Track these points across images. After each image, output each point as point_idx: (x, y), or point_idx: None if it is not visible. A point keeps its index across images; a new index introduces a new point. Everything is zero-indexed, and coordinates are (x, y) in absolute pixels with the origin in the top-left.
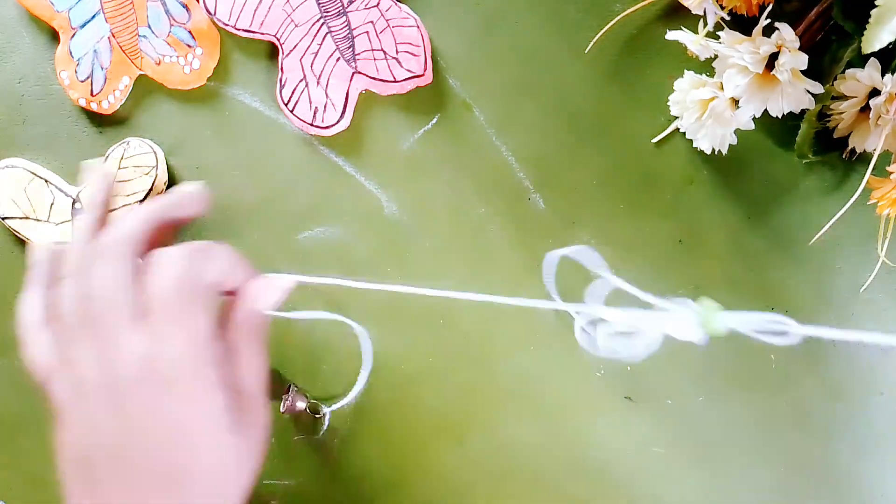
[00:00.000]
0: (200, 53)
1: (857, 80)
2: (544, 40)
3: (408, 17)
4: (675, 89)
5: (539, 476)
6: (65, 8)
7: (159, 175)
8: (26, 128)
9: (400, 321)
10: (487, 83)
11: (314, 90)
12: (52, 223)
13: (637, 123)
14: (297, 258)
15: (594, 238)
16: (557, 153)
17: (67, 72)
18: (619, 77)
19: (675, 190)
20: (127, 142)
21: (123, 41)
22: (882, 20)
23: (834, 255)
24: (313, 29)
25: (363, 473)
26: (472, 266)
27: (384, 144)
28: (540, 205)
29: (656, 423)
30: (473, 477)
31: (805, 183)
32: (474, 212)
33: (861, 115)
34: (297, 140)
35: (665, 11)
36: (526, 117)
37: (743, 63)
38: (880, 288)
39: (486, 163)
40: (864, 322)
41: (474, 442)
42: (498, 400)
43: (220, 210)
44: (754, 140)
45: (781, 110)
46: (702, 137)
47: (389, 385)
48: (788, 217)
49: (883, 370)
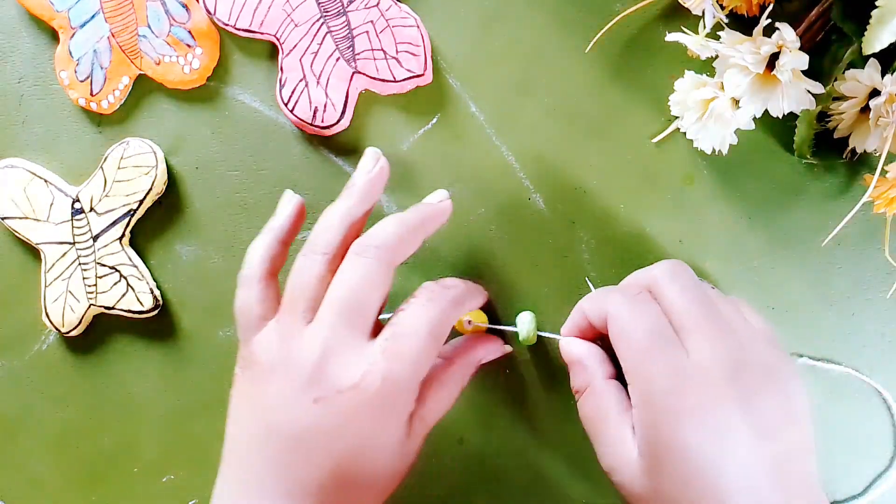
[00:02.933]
0: (200, 53)
1: (857, 80)
2: (544, 40)
3: (408, 17)
4: (676, 89)
5: (539, 476)
6: (64, 8)
7: (159, 175)
8: (26, 128)
9: None
10: (487, 83)
11: (314, 90)
12: (52, 223)
13: (637, 123)
14: None
15: (594, 238)
16: (557, 153)
17: (67, 72)
18: (620, 77)
19: (675, 190)
20: (126, 142)
21: (123, 41)
22: (883, 21)
23: (834, 254)
24: (313, 29)
25: None
26: (472, 266)
27: (384, 144)
28: (540, 205)
29: None
30: (473, 477)
31: (805, 183)
32: (474, 212)
33: (861, 115)
34: (297, 140)
35: (665, 11)
36: (526, 117)
37: (744, 63)
38: (881, 288)
39: (486, 163)
40: (865, 322)
41: (474, 442)
42: (498, 400)
43: (220, 210)
44: (755, 140)
45: (782, 110)
46: (702, 137)
47: None
48: (789, 217)
49: None
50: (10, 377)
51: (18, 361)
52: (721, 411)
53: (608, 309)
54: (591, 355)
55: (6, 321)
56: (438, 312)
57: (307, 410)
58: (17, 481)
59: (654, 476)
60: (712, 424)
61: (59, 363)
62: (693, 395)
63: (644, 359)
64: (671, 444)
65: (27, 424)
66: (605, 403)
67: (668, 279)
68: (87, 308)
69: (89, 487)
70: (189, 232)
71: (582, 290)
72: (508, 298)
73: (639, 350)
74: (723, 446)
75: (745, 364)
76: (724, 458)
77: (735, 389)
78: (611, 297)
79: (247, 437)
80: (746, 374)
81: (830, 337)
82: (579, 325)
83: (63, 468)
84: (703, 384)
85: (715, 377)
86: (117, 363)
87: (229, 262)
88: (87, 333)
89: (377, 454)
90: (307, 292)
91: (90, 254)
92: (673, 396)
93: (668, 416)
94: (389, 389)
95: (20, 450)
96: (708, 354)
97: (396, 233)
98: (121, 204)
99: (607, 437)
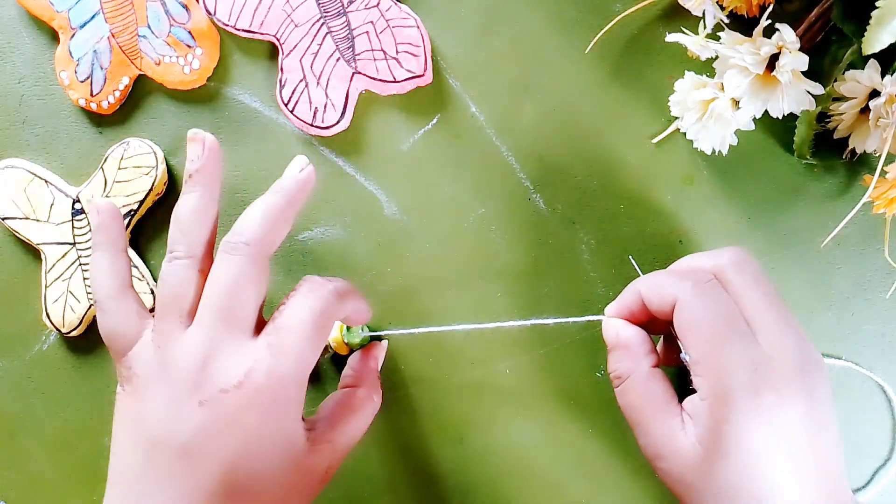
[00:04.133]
0: (200, 53)
1: (857, 81)
2: (544, 40)
3: (408, 17)
4: (676, 90)
5: (539, 476)
6: (64, 8)
7: (159, 175)
8: (26, 128)
9: (400, 321)
10: (487, 83)
11: (314, 90)
12: (53, 223)
13: (637, 124)
14: (297, 258)
15: (594, 238)
16: (557, 153)
17: (67, 72)
18: (620, 77)
19: (675, 190)
20: (126, 142)
21: (123, 41)
22: (882, 21)
23: (835, 254)
24: (313, 29)
25: (363, 473)
26: (472, 267)
27: (384, 144)
28: (540, 205)
29: None
30: (473, 477)
31: (805, 183)
32: (474, 212)
33: (861, 116)
34: (297, 140)
35: (665, 12)
36: (526, 117)
37: (743, 64)
38: (881, 288)
39: (486, 163)
40: (865, 322)
41: (474, 442)
42: (498, 400)
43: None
44: (755, 140)
45: (782, 111)
46: (702, 138)
47: (389, 385)
48: (789, 217)
49: None
50: (10, 377)
51: (19, 362)
52: (791, 407)
53: (677, 295)
54: (641, 341)
55: (6, 321)
56: (321, 304)
57: (192, 415)
58: (17, 481)
59: (712, 466)
60: (781, 419)
61: (59, 363)
62: (771, 390)
63: (719, 351)
64: (740, 438)
65: (27, 424)
66: (653, 391)
67: (738, 268)
68: (87, 308)
69: (89, 487)
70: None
71: (582, 290)
72: (509, 298)
73: (713, 341)
74: (790, 442)
75: (808, 359)
76: (789, 453)
77: (803, 385)
78: (681, 284)
79: (131, 455)
80: (810, 368)
81: (830, 337)
82: (630, 307)
83: (63, 468)
84: (780, 379)
85: (789, 373)
86: None
87: None
88: (88, 334)
89: (268, 455)
90: (178, 298)
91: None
92: (751, 390)
93: (743, 410)
94: (276, 384)
95: (20, 450)
96: (782, 348)
97: (263, 222)
98: (121, 205)
99: (655, 425)
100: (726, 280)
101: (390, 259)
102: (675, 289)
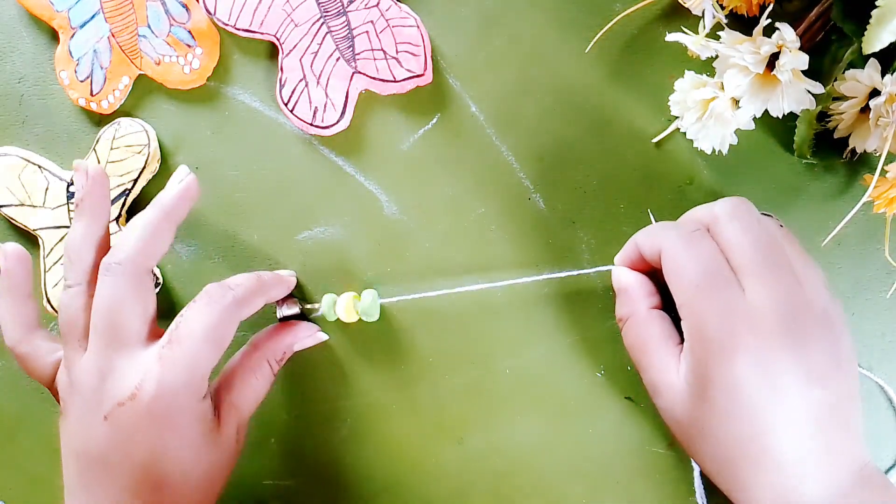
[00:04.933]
0: (200, 53)
1: (857, 80)
2: (544, 40)
3: (408, 17)
4: (676, 89)
5: (539, 476)
6: (64, 8)
7: (151, 153)
8: (26, 127)
9: (400, 320)
10: (487, 83)
11: (314, 90)
12: (48, 208)
13: (637, 123)
14: (297, 258)
15: (594, 238)
16: (557, 153)
17: (67, 72)
18: (620, 77)
19: (675, 190)
20: (118, 122)
21: (123, 41)
22: (883, 21)
23: (835, 254)
24: (313, 29)
25: (363, 473)
26: (471, 266)
27: (384, 144)
28: (540, 205)
29: (656, 423)
30: (473, 477)
31: (805, 183)
32: (474, 212)
33: (861, 115)
34: (297, 140)
35: (665, 11)
36: (526, 117)
37: (744, 63)
38: (881, 288)
39: (486, 163)
40: (865, 322)
41: (474, 442)
42: (498, 400)
43: (219, 210)
44: (755, 140)
45: (782, 110)
46: (702, 137)
47: (389, 385)
48: (789, 217)
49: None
50: (11, 377)
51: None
52: (773, 354)
53: (662, 244)
54: (639, 285)
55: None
56: (216, 316)
57: (100, 429)
58: (17, 481)
59: (698, 406)
60: (763, 366)
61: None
62: (747, 335)
63: (698, 296)
64: (719, 379)
65: (27, 424)
66: (648, 331)
67: (728, 217)
68: None
69: None
70: (189, 232)
71: (581, 289)
72: (509, 298)
73: (692, 287)
74: (772, 388)
75: (801, 309)
76: (772, 399)
77: (790, 334)
78: (666, 233)
79: (67, 467)
80: (802, 318)
81: None
82: (631, 258)
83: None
84: (758, 326)
85: (771, 321)
86: None
87: (229, 261)
88: None
89: (180, 454)
90: (72, 325)
91: None
92: (726, 335)
93: (719, 352)
94: (167, 393)
95: (20, 450)
96: (765, 297)
97: (139, 240)
98: (115, 184)
99: (653, 361)
100: (717, 230)
101: (390, 259)
102: (661, 238)
